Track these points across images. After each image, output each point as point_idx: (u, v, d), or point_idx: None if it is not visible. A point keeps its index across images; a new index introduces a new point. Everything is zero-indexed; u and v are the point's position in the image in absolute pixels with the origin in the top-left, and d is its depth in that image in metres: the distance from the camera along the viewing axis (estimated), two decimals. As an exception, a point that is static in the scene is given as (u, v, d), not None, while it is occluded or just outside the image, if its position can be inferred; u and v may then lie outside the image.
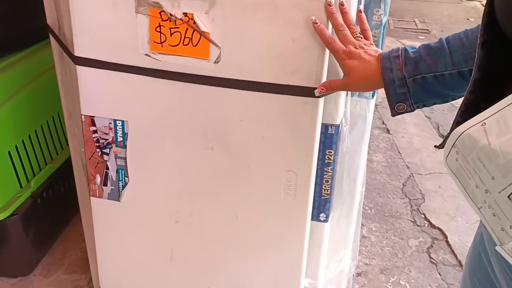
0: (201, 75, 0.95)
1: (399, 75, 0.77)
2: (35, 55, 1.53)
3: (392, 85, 0.78)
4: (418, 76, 0.77)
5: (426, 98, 0.80)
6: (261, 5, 0.87)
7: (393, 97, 0.80)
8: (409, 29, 5.00)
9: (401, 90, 0.78)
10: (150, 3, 0.91)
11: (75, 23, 0.97)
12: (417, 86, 0.77)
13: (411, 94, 0.78)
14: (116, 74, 1.00)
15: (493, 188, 0.49)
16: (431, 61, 0.76)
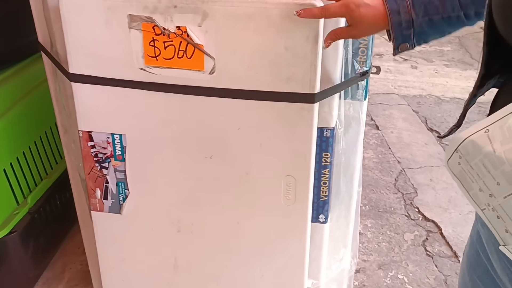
0: (196, 86, 0.97)
1: (407, 18, 0.77)
2: (25, 71, 1.53)
3: (399, 27, 0.78)
4: (426, 18, 0.77)
5: (428, 37, 0.80)
6: (253, 15, 0.88)
7: (398, 38, 0.80)
8: (391, 24, 5.05)
9: (407, 31, 0.79)
10: (143, 18, 0.93)
11: (68, 41, 0.98)
12: (423, 27, 0.78)
13: (416, 34, 0.79)
14: (112, 89, 1.01)
15: (498, 193, 0.51)
16: (439, 3, 0.76)
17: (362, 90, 1.06)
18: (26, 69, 1.53)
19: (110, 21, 0.94)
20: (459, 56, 4.18)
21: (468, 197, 0.57)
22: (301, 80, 0.92)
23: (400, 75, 3.75)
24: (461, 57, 4.17)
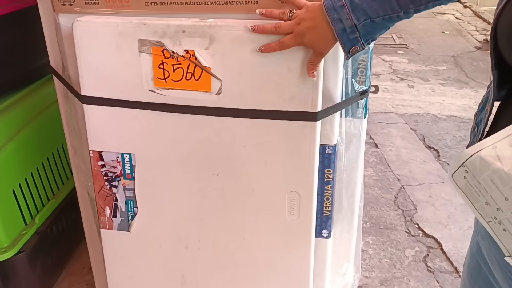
0: (203, 107, 1.01)
1: (349, 24, 0.81)
2: (35, 93, 1.57)
3: (344, 33, 0.82)
4: (367, 21, 0.80)
5: (374, 34, 0.84)
6: (257, 39, 0.93)
7: (347, 43, 0.84)
8: (387, 45, 5.14)
9: (353, 35, 0.82)
10: (152, 42, 0.97)
11: (81, 65, 1.03)
12: (367, 28, 0.82)
13: (362, 36, 0.83)
14: (122, 110, 1.05)
15: (506, 208, 0.54)
16: (378, 6, 0.78)
17: (362, 109, 1.10)
18: (36, 92, 1.58)
19: (121, 46, 0.99)
20: (454, 75, 4.25)
21: (473, 209, 0.59)
22: (304, 99, 0.97)
23: (398, 94, 3.81)
24: (456, 75, 4.24)
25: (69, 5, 1.03)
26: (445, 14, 6.69)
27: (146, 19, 0.98)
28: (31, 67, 1.55)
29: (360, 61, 1.05)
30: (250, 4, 0.94)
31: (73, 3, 1.03)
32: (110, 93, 1.04)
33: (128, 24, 0.97)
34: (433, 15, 6.66)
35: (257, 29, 0.91)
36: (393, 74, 4.26)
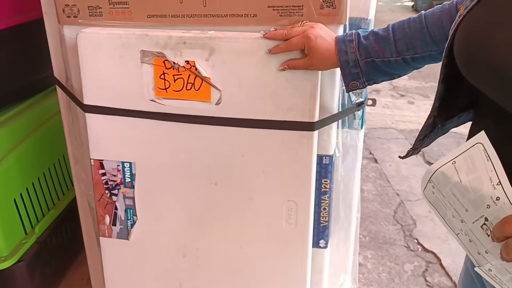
0: (203, 116, 1.03)
1: (353, 58, 0.88)
2: (38, 105, 1.60)
3: (347, 65, 0.89)
4: (369, 59, 0.87)
5: (376, 77, 0.91)
6: (256, 50, 0.96)
7: (348, 76, 0.90)
8: (388, 62, 5.20)
9: (354, 70, 0.89)
10: (154, 53, 1.00)
11: (84, 75, 1.05)
12: (368, 67, 0.88)
13: (363, 74, 0.89)
14: (124, 119, 1.07)
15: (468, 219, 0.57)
16: (379, 48, 0.87)
17: (359, 120, 1.12)
18: (38, 103, 1.60)
19: (124, 57, 1.02)
20: (454, 92, 4.28)
21: (444, 223, 0.62)
22: (301, 109, 0.99)
23: (397, 110, 3.84)
24: (456, 93, 4.27)
25: (73, 17, 1.06)
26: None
27: (149, 31, 1.00)
28: (34, 79, 1.58)
29: (357, 73, 1.07)
30: (249, 17, 0.97)
31: (77, 15, 1.06)
32: (112, 103, 1.06)
33: (131, 35, 1.00)
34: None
35: (273, 51, 0.94)
36: (393, 91, 4.29)
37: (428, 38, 0.83)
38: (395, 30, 0.87)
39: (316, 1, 0.93)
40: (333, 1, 0.92)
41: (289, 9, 0.94)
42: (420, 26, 0.84)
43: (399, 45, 0.86)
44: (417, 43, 0.84)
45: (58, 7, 1.07)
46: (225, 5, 0.96)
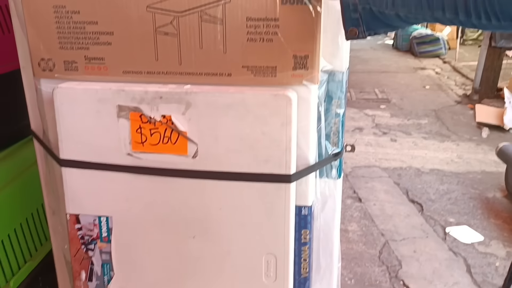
0: (180, 169, 1.03)
1: (353, 1, 0.82)
2: (15, 155, 1.58)
3: (347, 8, 0.83)
4: (367, 7, 0.81)
5: (376, 27, 0.84)
6: (232, 104, 0.97)
7: (348, 20, 0.84)
8: (370, 99, 5.28)
9: (354, 15, 0.83)
10: (131, 108, 1.00)
11: (60, 129, 1.05)
12: (367, 15, 0.82)
13: (363, 21, 0.83)
14: (100, 173, 1.06)
15: None
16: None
17: (336, 169, 1.12)
18: (16, 153, 1.59)
19: (101, 111, 1.02)
20: (436, 129, 4.36)
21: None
22: (278, 162, 0.99)
23: (380, 148, 3.88)
24: (438, 129, 4.34)
25: (49, 71, 1.06)
26: (426, 69, 6.93)
27: (125, 86, 1.01)
28: (12, 128, 1.56)
29: (333, 124, 1.08)
30: (224, 76, 0.98)
31: (53, 69, 1.06)
32: (88, 157, 1.06)
33: (107, 90, 1.00)
34: (414, 70, 6.90)
35: None
36: (376, 128, 4.34)
37: (425, 2, 0.74)
38: None
39: (289, 62, 0.95)
40: (305, 63, 0.94)
41: (263, 69, 0.96)
42: None
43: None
44: (412, 2, 0.76)
45: (33, 61, 1.07)
46: (200, 64, 0.98)
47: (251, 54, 0.97)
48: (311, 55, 0.96)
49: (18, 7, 1.05)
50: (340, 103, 1.07)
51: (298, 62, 0.96)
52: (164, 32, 0.98)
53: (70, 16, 1.00)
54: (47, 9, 1.00)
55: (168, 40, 0.98)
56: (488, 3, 0.65)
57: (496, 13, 0.66)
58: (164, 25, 0.97)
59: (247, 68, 0.98)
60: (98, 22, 1.00)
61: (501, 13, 0.65)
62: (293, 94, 0.96)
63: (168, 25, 0.97)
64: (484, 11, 0.67)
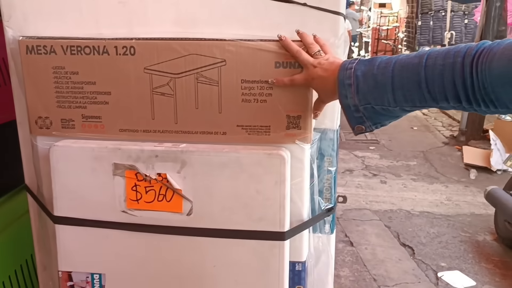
0: (174, 227, 1.03)
1: (353, 103, 0.85)
2: (5, 205, 1.57)
3: (349, 109, 0.86)
4: (369, 106, 0.84)
5: (381, 120, 0.87)
6: (227, 163, 0.99)
7: (352, 119, 0.87)
8: (359, 141, 5.35)
9: (357, 114, 0.86)
10: (126, 166, 1.02)
11: (55, 187, 1.05)
12: (370, 112, 0.85)
13: (367, 118, 0.86)
14: (94, 230, 1.06)
15: None
16: (377, 95, 0.82)
17: (329, 225, 1.14)
18: (5, 204, 1.58)
19: (96, 169, 1.03)
20: (425, 170, 4.41)
21: None
22: (272, 219, 1.00)
23: (371, 190, 3.90)
24: (427, 171, 4.40)
25: (46, 128, 1.08)
26: (413, 110, 7.05)
27: (121, 144, 1.03)
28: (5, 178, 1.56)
29: (325, 180, 1.10)
30: (219, 134, 1.00)
31: (50, 127, 1.08)
32: (82, 214, 1.06)
33: (103, 149, 1.02)
34: (401, 111, 7.01)
35: (283, 42, 0.94)
36: (366, 170, 4.38)
37: (427, 95, 0.77)
38: (394, 76, 0.80)
39: (282, 122, 0.98)
40: (298, 123, 0.97)
41: (257, 128, 0.99)
42: (418, 78, 0.77)
43: (397, 95, 0.80)
44: (415, 97, 0.78)
45: (31, 119, 1.08)
46: (195, 123, 1.00)
47: (245, 114, 1.00)
48: (303, 115, 0.99)
49: (17, 66, 1.07)
50: (332, 161, 1.09)
51: (291, 122, 0.99)
52: (161, 93, 1.01)
53: (69, 77, 1.03)
54: (46, 70, 1.03)
55: (164, 100, 1.01)
56: (485, 93, 0.71)
57: (492, 101, 0.71)
58: (161, 86, 1.00)
59: (242, 127, 1.00)
60: (96, 82, 1.03)
61: (497, 101, 0.71)
62: (287, 153, 0.99)
63: (165, 86, 1.00)
64: (482, 99, 0.72)
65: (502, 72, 0.67)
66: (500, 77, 0.68)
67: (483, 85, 0.70)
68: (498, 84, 0.68)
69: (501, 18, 4.98)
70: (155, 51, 0.99)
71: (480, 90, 0.71)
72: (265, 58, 0.96)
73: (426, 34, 9.74)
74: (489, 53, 0.69)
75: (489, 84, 0.69)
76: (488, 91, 0.70)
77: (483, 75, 0.70)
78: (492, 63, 0.68)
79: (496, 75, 0.68)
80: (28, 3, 1.05)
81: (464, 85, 0.73)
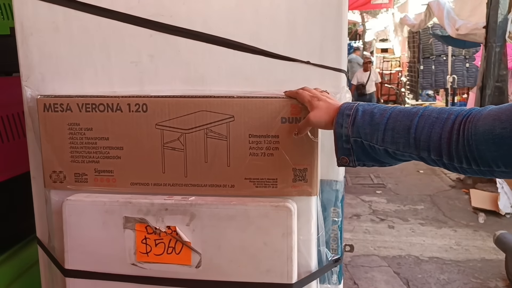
0: (183, 279, 1.04)
1: (346, 132, 0.88)
2: (15, 257, 1.59)
3: (340, 139, 0.89)
4: (358, 140, 0.87)
5: (365, 160, 0.89)
6: (235, 216, 1.01)
7: (340, 149, 0.90)
8: (366, 185, 5.34)
9: (346, 145, 0.88)
10: (137, 219, 1.04)
11: (67, 240, 1.08)
12: (358, 147, 0.87)
13: (354, 152, 0.88)
14: (104, 284, 1.07)
15: None
16: (369, 131, 0.85)
17: (336, 275, 1.14)
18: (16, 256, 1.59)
19: (107, 222, 1.05)
20: (432, 214, 4.37)
21: None
22: (279, 271, 1.01)
23: (379, 235, 3.87)
24: (434, 215, 4.36)
25: (59, 182, 1.11)
26: (418, 153, 7.06)
27: (132, 198, 1.06)
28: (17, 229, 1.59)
29: (331, 231, 1.12)
30: (227, 187, 1.03)
31: (63, 181, 1.11)
32: (93, 267, 1.08)
33: (114, 202, 1.05)
34: (407, 154, 7.02)
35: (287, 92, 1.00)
36: (373, 215, 4.36)
37: (412, 141, 0.80)
38: (390, 118, 0.84)
39: (289, 175, 1.01)
40: (304, 175, 1.00)
41: (264, 181, 1.02)
42: (410, 124, 0.80)
43: (386, 135, 0.83)
44: (401, 140, 0.81)
45: (45, 173, 1.12)
46: (205, 176, 1.04)
47: (253, 167, 1.03)
48: (309, 168, 1.02)
49: (34, 123, 1.12)
50: (337, 211, 1.11)
51: (297, 174, 1.02)
52: (172, 147, 1.05)
53: (83, 133, 1.07)
54: (62, 126, 1.07)
55: (175, 154, 1.05)
56: (468, 149, 0.73)
57: (475, 159, 0.73)
58: (172, 141, 1.04)
59: (250, 180, 1.03)
60: (109, 138, 1.07)
61: (480, 159, 0.72)
62: (293, 205, 1.01)
63: (176, 141, 1.04)
64: (465, 156, 0.74)
65: (486, 130, 0.70)
66: (484, 133, 0.71)
67: (468, 142, 0.73)
68: (482, 141, 0.71)
69: (501, 62, 5.07)
70: (166, 108, 1.03)
71: (464, 146, 0.73)
72: (272, 113, 1.01)
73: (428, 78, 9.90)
74: (477, 114, 0.74)
75: (473, 141, 0.72)
76: (472, 148, 0.72)
77: (469, 132, 0.73)
78: (478, 121, 0.72)
79: (481, 132, 0.71)
80: (45, 64, 1.11)
81: (449, 140, 0.75)
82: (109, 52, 1.08)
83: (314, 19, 1.03)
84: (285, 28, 1.04)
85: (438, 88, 9.84)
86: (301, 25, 1.04)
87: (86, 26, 1.08)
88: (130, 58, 1.08)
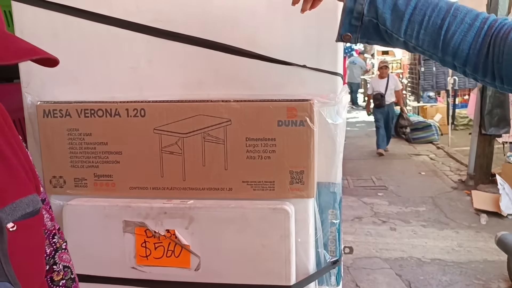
0: (183, 282, 1.05)
1: (360, 10, 0.78)
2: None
3: (350, 14, 0.79)
4: (374, 20, 0.78)
5: (372, 39, 0.82)
6: (233, 219, 1.02)
7: (345, 25, 0.81)
8: (368, 187, 5.34)
9: (355, 22, 0.79)
10: (136, 223, 1.05)
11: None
12: (370, 27, 0.79)
13: (361, 29, 0.80)
14: (104, 287, 1.08)
15: None
16: (389, 17, 0.76)
17: (335, 277, 1.15)
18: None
19: (107, 226, 1.06)
20: (434, 216, 4.37)
21: None
22: (278, 273, 1.02)
23: (380, 237, 3.87)
24: (436, 216, 4.35)
25: (59, 187, 1.13)
26: (420, 155, 7.07)
27: (131, 202, 1.07)
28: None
29: (330, 233, 1.13)
30: (225, 190, 1.04)
31: (63, 186, 1.12)
32: (93, 270, 1.09)
33: (114, 207, 1.06)
34: (409, 156, 7.04)
35: None
36: (375, 217, 4.36)
37: (440, 43, 0.74)
38: (416, 8, 0.75)
39: (286, 177, 1.02)
40: (301, 178, 1.01)
41: (262, 184, 1.03)
42: (441, 24, 0.73)
43: (410, 28, 0.76)
44: (427, 38, 0.75)
45: (45, 178, 1.13)
46: (203, 180, 1.05)
47: (250, 170, 1.04)
48: (306, 170, 1.03)
49: (34, 128, 1.13)
50: (335, 213, 1.12)
51: (294, 177, 1.03)
52: (170, 151, 1.06)
53: (82, 138, 1.09)
54: (61, 132, 1.09)
55: (173, 158, 1.06)
56: (497, 67, 0.70)
57: (501, 77, 0.70)
58: (170, 145, 1.05)
59: (247, 183, 1.04)
60: (108, 142, 1.08)
61: (506, 77, 0.70)
62: (291, 207, 1.02)
63: (173, 145, 1.05)
64: (491, 71, 0.71)
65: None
66: None
67: (498, 59, 0.69)
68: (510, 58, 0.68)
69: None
70: (164, 113, 1.05)
71: (493, 63, 0.70)
72: (268, 117, 1.02)
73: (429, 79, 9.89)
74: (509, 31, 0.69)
75: (504, 60, 0.69)
76: (501, 66, 0.69)
77: (500, 50, 0.69)
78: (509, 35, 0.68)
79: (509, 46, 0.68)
80: (45, 71, 1.12)
81: (479, 53, 0.71)
82: (108, 58, 1.10)
83: (310, 24, 1.04)
84: (281, 33, 1.05)
85: (439, 89, 9.82)
86: (297, 29, 1.05)
87: (85, 33, 1.09)
88: (128, 63, 1.09)
